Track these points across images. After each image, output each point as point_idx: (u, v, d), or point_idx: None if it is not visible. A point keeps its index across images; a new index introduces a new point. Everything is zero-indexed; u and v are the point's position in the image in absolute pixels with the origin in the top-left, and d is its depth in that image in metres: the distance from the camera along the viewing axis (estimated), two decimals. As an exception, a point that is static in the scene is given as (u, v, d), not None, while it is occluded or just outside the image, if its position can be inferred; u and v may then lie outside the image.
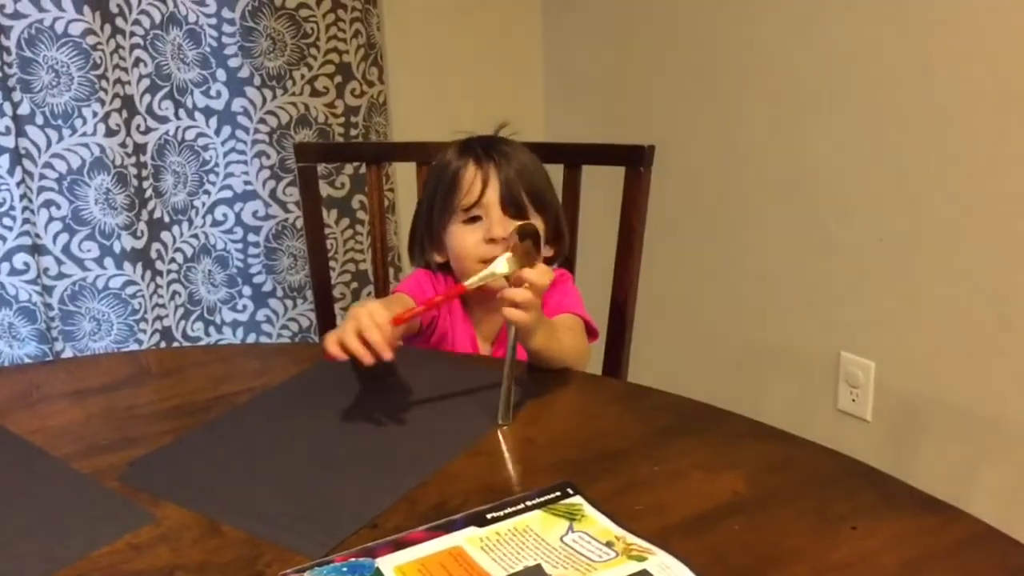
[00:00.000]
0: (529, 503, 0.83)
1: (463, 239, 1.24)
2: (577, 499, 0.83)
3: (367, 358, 0.97)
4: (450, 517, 0.81)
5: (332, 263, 2.12)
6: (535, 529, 0.79)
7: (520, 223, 1.08)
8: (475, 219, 1.24)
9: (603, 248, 1.45)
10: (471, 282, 1.03)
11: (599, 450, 0.94)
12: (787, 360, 2.01)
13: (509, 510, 0.82)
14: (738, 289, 2.09)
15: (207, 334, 2.07)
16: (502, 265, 1.01)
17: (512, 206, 1.24)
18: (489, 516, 0.81)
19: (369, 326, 0.97)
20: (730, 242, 2.08)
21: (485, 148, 1.27)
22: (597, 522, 0.80)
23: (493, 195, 1.23)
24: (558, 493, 0.84)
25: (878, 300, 1.82)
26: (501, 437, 0.97)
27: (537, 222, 1.24)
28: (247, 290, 2.09)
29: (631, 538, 0.77)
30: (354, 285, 2.19)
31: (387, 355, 0.97)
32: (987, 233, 1.63)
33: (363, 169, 1.99)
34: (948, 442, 1.75)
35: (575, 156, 1.44)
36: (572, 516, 0.81)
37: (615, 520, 0.80)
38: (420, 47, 2.25)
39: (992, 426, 1.68)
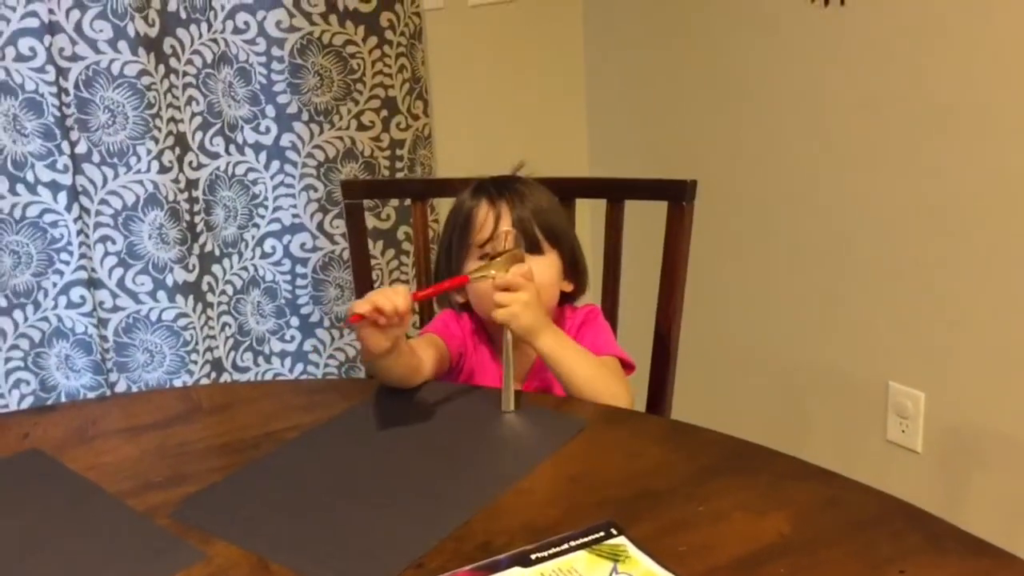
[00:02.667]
0: (573, 543, 0.83)
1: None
2: (621, 539, 0.84)
3: (390, 311, 1.05)
4: (495, 557, 0.82)
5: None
6: (579, 570, 0.80)
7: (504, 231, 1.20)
8: (488, 256, 1.26)
9: (646, 282, 1.45)
10: (473, 275, 1.17)
11: (642, 489, 0.94)
12: (835, 391, 1.99)
13: (554, 550, 0.82)
14: (783, 320, 2.07)
15: (256, 364, 2.10)
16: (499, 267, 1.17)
17: (526, 240, 1.26)
18: (534, 556, 0.82)
19: (390, 294, 1.06)
20: (774, 273, 2.07)
21: (498, 187, 1.30)
22: (641, 564, 0.80)
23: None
24: (602, 533, 0.85)
25: (927, 329, 1.80)
26: (541, 476, 0.98)
27: (552, 256, 1.29)
28: (295, 321, 2.12)
29: (674, 581, 0.77)
30: (400, 315, 2.21)
31: (406, 319, 1.07)
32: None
33: (408, 201, 2.02)
34: (1002, 474, 1.72)
35: (617, 191, 1.45)
36: (616, 557, 0.81)
37: (659, 561, 0.80)
38: (464, 81, 2.28)
39: (1047, 459, 1.65)
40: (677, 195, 1.38)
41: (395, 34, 2.07)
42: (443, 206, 2.19)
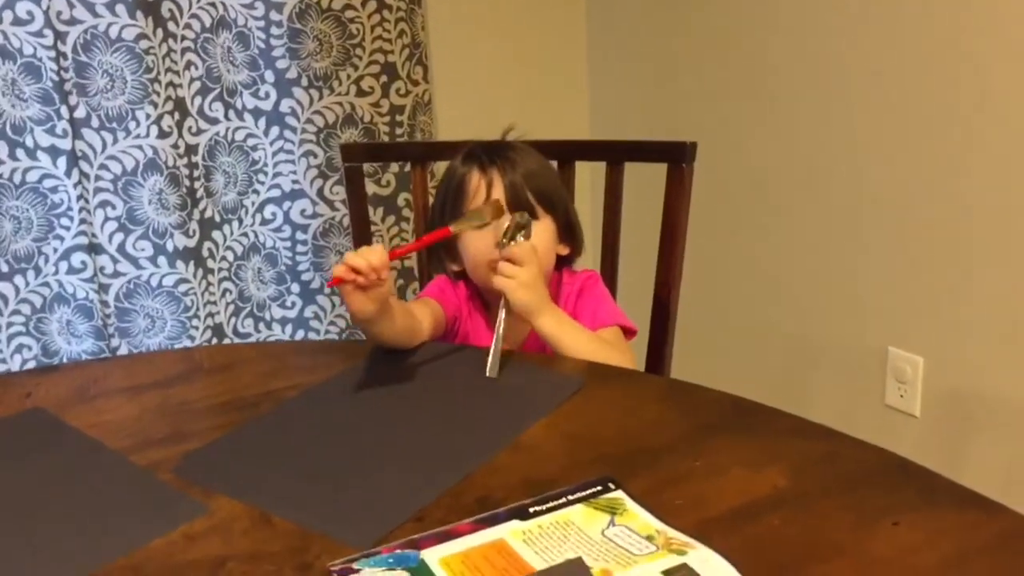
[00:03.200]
0: (571, 497, 0.84)
1: (474, 245, 1.27)
2: (618, 493, 0.84)
3: (366, 269, 1.04)
4: (493, 511, 0.83)
5: (379, 260, 2.15)
6: (577, 523, 0.80)
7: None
8: (484, 224, 1.26)
9: (646, 245, 1.45)
10: (457, 227, 1.20)
11: (640, 445, 0.95)
12: (834, 356, 2.00)
13: (551, 504, 0.83)
14: (784, 284, 2.08)
15: (257, 330, 2.11)
16: (485, 214, 1.22)
17: (519, 208, 1.26)
18: (532, 510, 0.82)
19: (365, 252, 1.06)
20: (775, 237, 2.08)
21: (489, 154, 1.29)
22: (638, 516, 0.81)
23: (499, 199, 1.26)
24: (599, 487, 0.85)
25: (926, 294, 1.80)
26: (542, 432, 0.99)
27: (547, 221, 1.28)
28: (295, 287, 2.13)
29: (671, 532, 0.78)
30: (400, 282, 2.22)
31: (383, 274, 1.06)
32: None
33: (408, 168, 2.02)
34: (999, 438, 1.73)
35: (617, 153, 1.45)
36: (613, 510, 0.82)
37: (655, 514, 0.81)
38: (465, 46, 2.27)
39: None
40: (677, 157, 1.38)
41: (394, -2, 2.06)
42: (443, 171, 2.20)
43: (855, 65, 1.84)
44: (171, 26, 1.86)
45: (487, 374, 1.10)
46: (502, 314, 1.18)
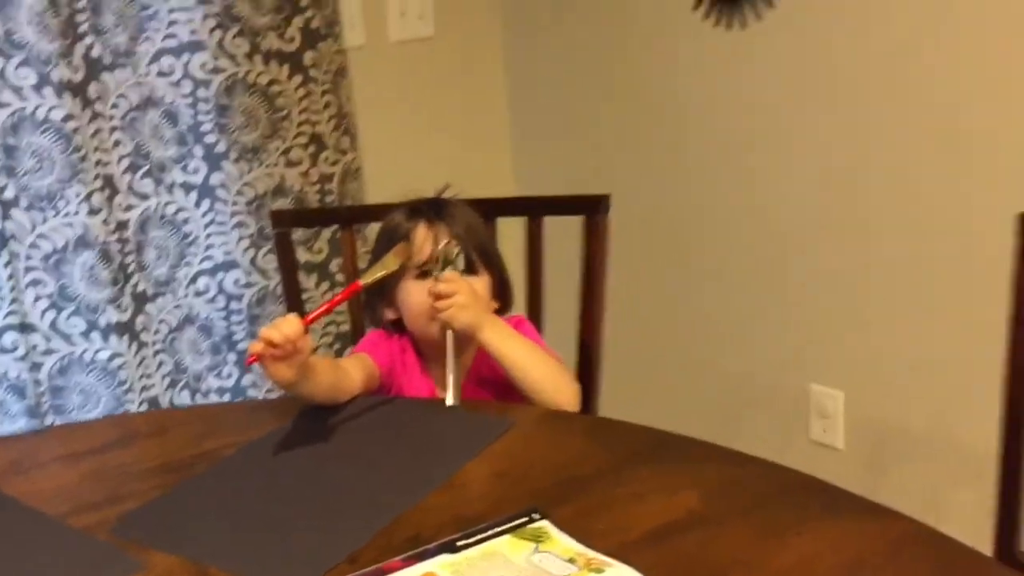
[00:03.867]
0: (498, 529, 0.88)
1: (417, 295, 1.31)
2: (543, 523, 0.89)
3: (281, 340, 1.07)
4: (424, 547, 0.86)
5: (313, 326, 2.17)
6: (504, 552, 0.84)
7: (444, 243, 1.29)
8: (426, 274, 1.31)
9: (570, 294, 1.51)
10: (366, 280, 1.26)
11: (565, 478, 0.99)
12: (759, 395, 2.07)
13: (479, 536, 0.87)
14: (708, 326, 2.15)
15: (194, 402, 2.11)
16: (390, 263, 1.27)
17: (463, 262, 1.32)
18: (460, 543, 0.86)
19: (279, 324, 1.09)
20: (696, 282, 2.15)
21: (435, 209, 1.35)
22: (560, 542, 0.85)
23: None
24: (525, 519, 0.90)
25: (844, 332, 1.89)
26: (472, 471, 1.03)
27: (485, 276, 1.35)
28: (232, 357, 2.14)
29: (591, 553, 0.82)
30: (336, 346, 2.25)
31: (300, 343, 1.09)
32: (951, 265, 1.71)
33: (339, 234, 2.06)
34: (920, 466, 1.81)
35: (536, 208, 1.52)
36: (538, 538, 0.86)
37: (578, 539, 0.85)
38: (390, 114, 2.34)
39: (961, 449, 1.74)
40: (592, 210, 1.45)
41: (320, 72, 2.12)
42: (373, 235, 2.24)
43: (764, 116, 1.94)
44: (98, 106, 1.89)
45: (448, 403, 1.18)
46: (450, 345, 1.24)
